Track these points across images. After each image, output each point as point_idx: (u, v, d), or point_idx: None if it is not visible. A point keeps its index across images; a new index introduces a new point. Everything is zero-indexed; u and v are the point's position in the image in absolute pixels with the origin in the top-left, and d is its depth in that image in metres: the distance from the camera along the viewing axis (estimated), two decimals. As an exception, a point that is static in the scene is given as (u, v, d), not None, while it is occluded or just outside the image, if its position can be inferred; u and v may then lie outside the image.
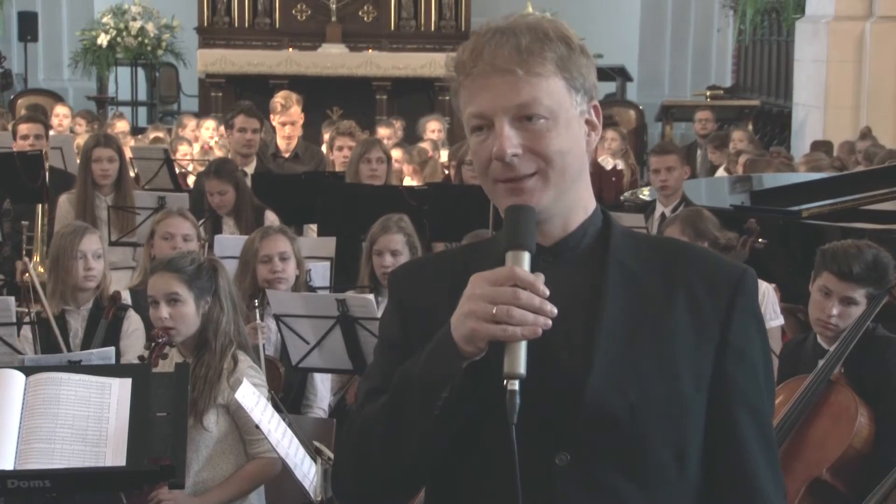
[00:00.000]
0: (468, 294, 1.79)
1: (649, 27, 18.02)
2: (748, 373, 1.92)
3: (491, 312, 1.75)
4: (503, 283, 1.77)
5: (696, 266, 1.94)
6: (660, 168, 7.06)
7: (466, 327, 1.77)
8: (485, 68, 1.85)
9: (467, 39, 1.91)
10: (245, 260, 5.11)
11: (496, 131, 1.86)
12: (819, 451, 3.83)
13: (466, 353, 1.78)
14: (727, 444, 1.90)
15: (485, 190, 1.92)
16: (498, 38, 1.86)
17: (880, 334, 4.03)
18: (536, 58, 1.85)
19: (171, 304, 4.00)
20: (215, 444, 4.00)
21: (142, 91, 16.82)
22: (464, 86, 1.89)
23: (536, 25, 1.88)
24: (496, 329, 1.75)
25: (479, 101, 1.87)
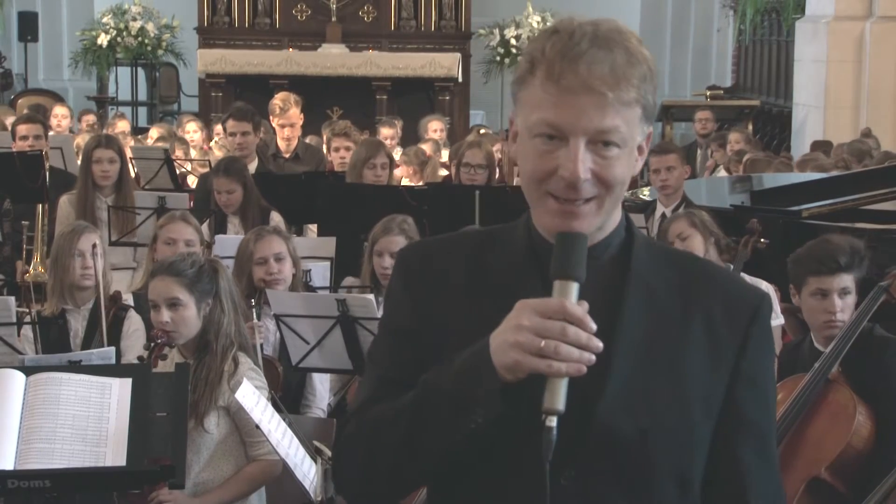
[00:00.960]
0: (515, 323, 1.73)
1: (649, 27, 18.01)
2: (758, 400, 1.91)
3: (538, 346, 1.71)
4: (552, 315, 1.72)
5: (716, 289, 1.92)
6: (660, 168, 7.06)
7: (510, 358, 1.73)
8: (576, 82, 1.77)
9: (553, 29, 1.83)
10: (240, 262, 5.10)
11: (570, 150, 1.79)
12: (817, 450, 3.83)
13: (505, 379, 1.74)
14: (730, 474, 1.89)
15: (528, 195, 1.85)
16: (594, 52, 1.78)
17: (879, 334, 4.03)
18: (628, 83, 1.79)
19: (172, 308, 4.00)
20: (216, 445, 4.00)
21: (142, 91, 16.82)
22: (542, 86, 1.80)
23: (627, 42, 1.82)
24: (541, 364, 1.71)
25: (560, 113, 1.78)
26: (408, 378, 1.86)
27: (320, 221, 7.12)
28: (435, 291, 1.90)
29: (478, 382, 1.76)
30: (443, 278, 1.91)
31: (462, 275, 1.89)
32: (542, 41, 1.82)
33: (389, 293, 1.99)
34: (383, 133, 10.27)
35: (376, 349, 1.99)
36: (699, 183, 9.22)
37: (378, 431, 1.86)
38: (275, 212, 6.64)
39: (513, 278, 1.87)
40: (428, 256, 1.97)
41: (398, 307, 1.95)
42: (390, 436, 1.84)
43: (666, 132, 14.50)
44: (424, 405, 1.81)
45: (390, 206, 5.88)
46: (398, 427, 1.83)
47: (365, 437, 1.88)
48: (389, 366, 1.92)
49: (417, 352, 1.89)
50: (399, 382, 1.87)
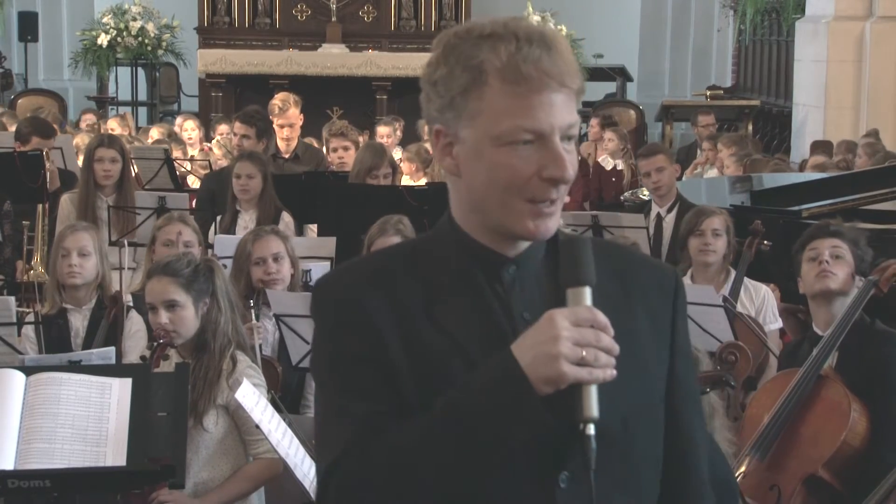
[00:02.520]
0: (552, 334, 1.71)
1: (649, 27, 18.02)
2: (690, 368, 1.99)
3: (580, 355, 1.71)
4: (583, 324, 1.73)
5: (643, 270, 1.96)
6: (649, 170, 7.09)
7: (554, 370, 1.70)
8: (547, 82, 1.77)
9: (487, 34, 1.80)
10: (239, 262, 5.10)
11: (551, 150, 1.78)
12: (813, 448, 3.83)
13: (541, 392, 1.72)
14: (684, 444, 1.94)
15: (497, 205, 1.82)
16: (549, 51, 1.78)
17: (879, 329, 4.04)
18: (578, 75, 1.81)
19: (169, 309, 4.00)
20: (215, 444, 4.00)
21: (142, 91, 16.82)
22: (505, 93, 1.77)
23: (557, 33, 1.84)
24: (583, 373, 1.72)
25: (535, 115, 1.77)
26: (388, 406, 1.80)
27: (320, 221, 7.12)
28: (383, 314, 1.83)
29: (515, 399, 1.72)
30: (385, 300, 1.84)
31: (406, 291, 1.84)
32: (479, 47, 1.79)
33: (330, 330, 1.86)
34: (380, 132, 10.27)
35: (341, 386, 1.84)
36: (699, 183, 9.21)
37: (400, 462, 1.77)
38: (286, 212, 6.66)
39: (461, 283, 1.85)
40: (357, 284, 1.87)
41: (346, 338, 1.84)
42: (422, 467, 1.76)
43: (666, 132, 14.50)
44: (460, 430, 1.74)
45: (390, 206, 5.89)
46: (431, 456, 1.76)
47: (386, 472, 1.77)
48: (370, 399, 1.81)
49: (389, 377, 1.81)
50: (384, 413, 1.80)
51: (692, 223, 5.66)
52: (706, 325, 4.87)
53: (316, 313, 1.89)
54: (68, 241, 4.89)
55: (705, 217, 5.62)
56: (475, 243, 1.87)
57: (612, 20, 17.75)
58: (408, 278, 1.86)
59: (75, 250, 4.87)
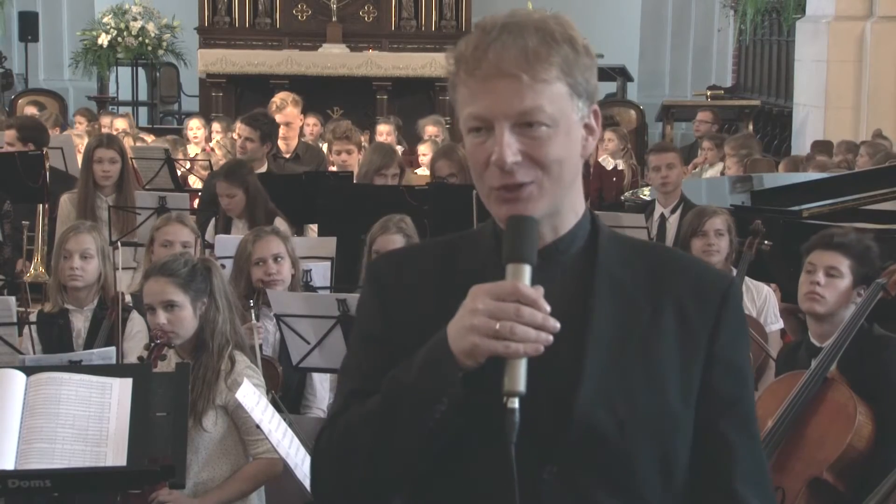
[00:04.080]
0: (470, 308, 1.75)
1: (649, 27, 18.02)
2: (737, 381, 1.91)
3: (494, 328, 1.73)
4: (505, 297, 1.74)
5: (685, 276, 1.93)
6: (660, 165, 7.06)
7: (468, 342, 1.74)
8: (489, 70, 1.80)
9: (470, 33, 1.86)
10: (239, 262, 5.09)
11: (496, 136, 1.81)
12: (818, 451, 3.83)
13: (465, 366, 1.76)
14: (716, 455, 1.89)
15: (478, 192, 1.88)
16: (504, 39, 1.80)
17: (877, 333, 4.04)
18: (542, 63, 1.80)
19: (167, 310, 4.00)
20: (214, 445, 4.00)
21: (142, 91, 16.82)
22: (464, 83, 1.83)
23: (543, 25, 1.83)
24: (498, 345, 1.73)
25: (480, 103, 1.81)
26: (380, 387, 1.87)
27: (320, 221, 7.12)
28: (407, 298, 1.90)
29: (438, 371, 1.77)
30: (414, 285, 1.91)
31: (434, 279, 1.90)
32: (462, 43, 1.86)
33: (361, 305, 1.99)
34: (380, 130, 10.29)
35: (348, 363, 1.97)
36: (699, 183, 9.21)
37: (349, 437, 1.86)
38: (280, 217, 6.62)
39: (483, 277, 1.86)
40: (398, 265, 1.98)
41: (369, 314, 1.94)
42: (361, 439, 1.84)
43: (666, 132, 14.49)
44: (390, 402, 1.82)
45: (390, 205, 5.88)
46: (368, 429, 1.84)
47: (336, 445, 1.88)
48: (362, 377, 1.90)
49: (392, 360, 1.86)
50: (371, 393, 1.86)
51: (694, 224, 5.67)
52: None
53: (362, 287, 2.08)
54: (71, 243, 4.88)
55: (707, 217, 5.63)
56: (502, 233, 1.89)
57: (612, 20, 17.74)
58: (440, 266, 1.92)
59: (77, 253, 4.86)
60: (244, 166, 6.94)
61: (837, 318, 4.10)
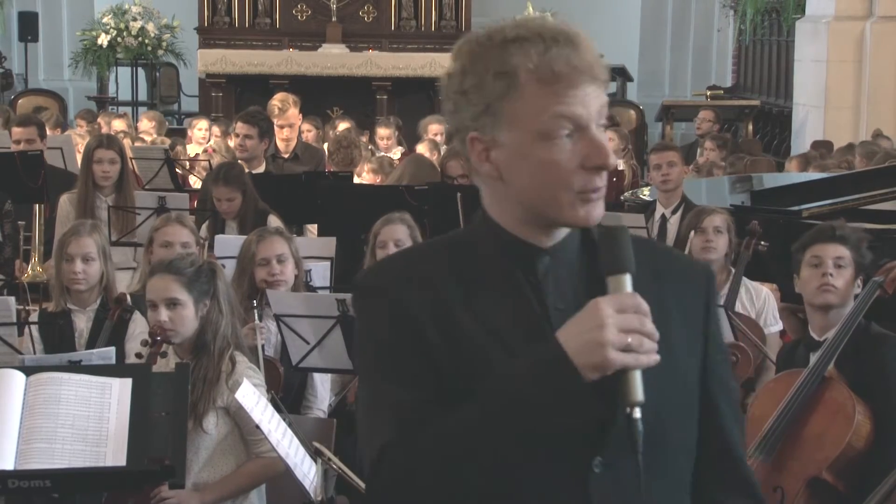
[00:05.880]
0: (598, 321, 1.76)
1: (649, 27, 18.02)
2: (726, 361, 2.04)
3: (626, 341, 1.76)
4: (628, 310, 1.77)
5: (675, 265, 2.04)
6: (661, 163, 7.05)
7: (600, 356, 1.75)
8: (580, 76, 1.84)
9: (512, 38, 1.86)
10: (242, 262, 5.09)
11: (591, 137, 1.85)
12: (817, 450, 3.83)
13: (588, 379, 1.77)
14: (716, 432, 1.99)
15: (547, 200, 1.87)
16: (576, 46, 1.86)
17: (875, 331, 4.04)
18: (605, 66, 1.89)
19: (170, 307, 4.00)
20: (215, 446, 4.00)
21: (142, 91, 16.82)
22: (539, 91, 1.83)
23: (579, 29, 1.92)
24: (629, 359, 1.76)
25: (572, 109, 1.84)
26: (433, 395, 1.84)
27: (320, 221, 7.12)
28: (424, 307, 1.88)
29: (566, 387, 1.77)
30: (425, 293, 1.89)
31: (444, 284, 1.89)
32: (508, 52, 1.85)
33: (373, 328, 1.91)
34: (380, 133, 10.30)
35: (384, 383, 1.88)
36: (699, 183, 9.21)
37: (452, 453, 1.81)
38: (272, 215, 6.63)
39: (496, 275, 1.90)
40: (398, 279, 1.93)
41: (394, 333, 1.88)
42: (470, 455, 1.80)
43: (666, 132, 14.49)
44: (509, 419, 1.78)
45: (390, 205, 5.89)
46: (479, 445, 1.80)
47: (436, 460, 1.82)
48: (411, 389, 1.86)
49: (430, 368, 1.86)
50: (429, 401, 1.84)
51: (693, 221, 5.69)
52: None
53: (359, 308, 1.95)
54: (72, 246, 4.87)
55: (706, 215, 5.65)
56: (510, 236, 1.92)
57: (612, 20, 17.74)
58: (445, 272, 1.91)
59: (79, 256, 4.86)
60: (237, 167, 6.93)
61: (841, 310, 4.12)
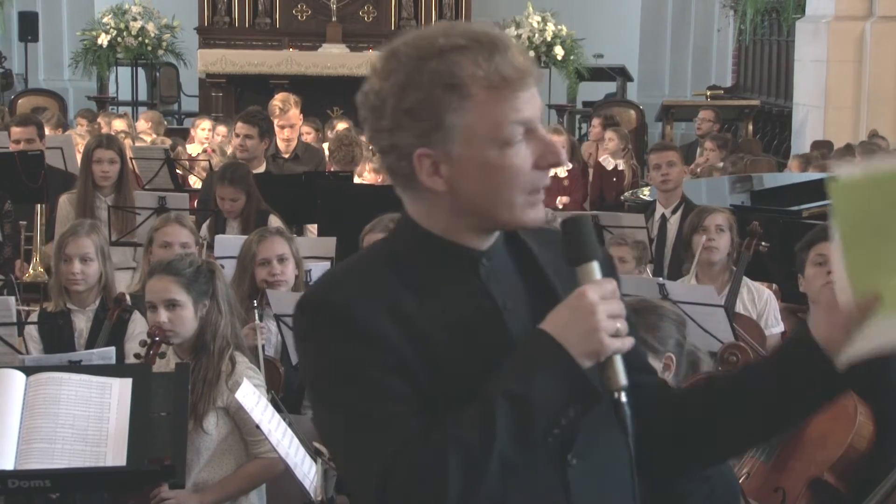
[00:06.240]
0: (589, 309, 1.78)
1: (649, 27, 18.02)
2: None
3: (616, 327, 1.79)
4: (610, 296, 1.80)
5: None
6: (661, 163, 7.05)
7: (595, 342, 1.77)
8: (522, 77, 1.84)
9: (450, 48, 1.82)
10: (243, 263, 5.09)
11: (540, 139, 1.86)
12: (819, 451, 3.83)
13: (583, 367, 1.79)
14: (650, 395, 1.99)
15: (502, 205, 1.86)
16: (510, 49, 1.85)
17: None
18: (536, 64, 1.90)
19: (169, 308, 4.00)
20: (215, 446, 4.00)
21: (142, 91, 16.81)
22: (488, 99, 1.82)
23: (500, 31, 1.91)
24: (619, 343, 1.79)
25: (523, 110, 1.84)
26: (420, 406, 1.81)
27: (320, 221, 7.11)
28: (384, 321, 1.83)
29: (563, 377, 1.78)
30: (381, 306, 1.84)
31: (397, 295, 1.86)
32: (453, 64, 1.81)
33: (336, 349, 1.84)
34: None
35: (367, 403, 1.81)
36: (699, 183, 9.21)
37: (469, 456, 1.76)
38: (273, 215, 6.63)
39: (445, 281, 1.89)
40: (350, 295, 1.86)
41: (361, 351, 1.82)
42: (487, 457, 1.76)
43: (666, 132, 14.49)
44: (523, 419, 1.76)
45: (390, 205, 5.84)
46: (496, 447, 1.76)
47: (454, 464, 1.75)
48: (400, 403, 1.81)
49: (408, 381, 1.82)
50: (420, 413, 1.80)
51: (695, 221, 5.69)
52: (706, 325, 4.86)
53: (314, 330, 1.87)
54: (70, 247, 4.87)
55: (708, 214, 5.66)
56: (447, 242, 1.91)
57: (612, 20, 17.75)
58: (396, 285, 1.87)
59: (77, 257, 4.85)
60: (243, 168, 6.94)
61: None
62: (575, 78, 15.64)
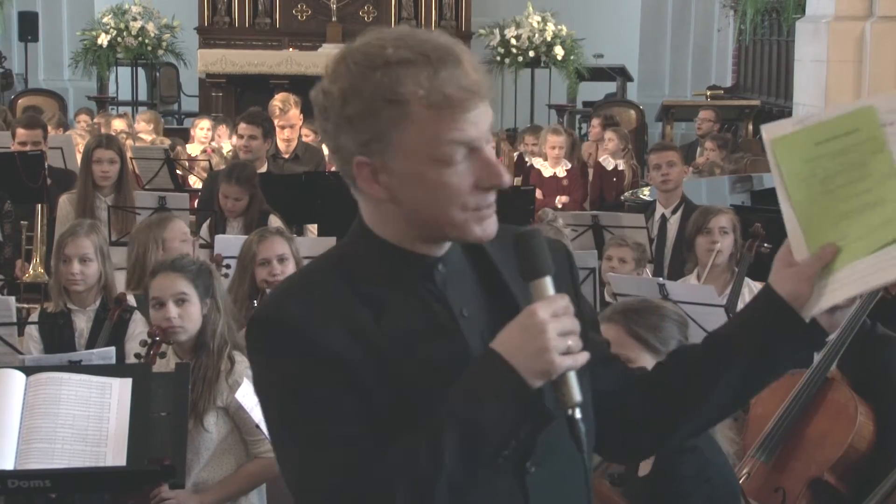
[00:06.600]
0: (539, 328, 1.75)
1: (649, 27, 18.01)
2: (597, 328, 2.07)
3: (567, 344, 1.76)
4: (561, 313, 1.77)
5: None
6: (661, 163, 7.04)
7: (544, 362, 1.74)
8: (468, 96, 1.79)
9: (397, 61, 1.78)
10: (243, 263, 5.10)
11: (483, 160, 1.81)
12: (819, 451, 3.83)
13: (534, 387, 1.76)
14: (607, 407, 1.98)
15: (443, 220, 1.83)
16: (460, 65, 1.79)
17: (880, 332, 4.03)
18: (489, 79, 1.84)
19: (178, 304, 4.01)
20: (216, 445, 4.00)
21: (142, 91, 16.82)
22: (431, 116, 1.78)
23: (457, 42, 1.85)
24: (570, 360, 1.76)
25: (466, 130, 1.80)
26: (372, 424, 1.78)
27: (320, 221, 7.11)
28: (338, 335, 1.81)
29: (511, 398, 1.75)
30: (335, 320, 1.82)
31: (350, 307, 1.83)
32: (396, 79, 1.77)
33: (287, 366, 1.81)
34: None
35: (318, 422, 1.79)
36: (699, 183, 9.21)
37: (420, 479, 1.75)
38: (273, 215, 6.63)
39: (399, 290, 1.86)
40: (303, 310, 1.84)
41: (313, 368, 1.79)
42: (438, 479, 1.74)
43: (666, 132, 14.50)
44: (472, 439, 1.75)
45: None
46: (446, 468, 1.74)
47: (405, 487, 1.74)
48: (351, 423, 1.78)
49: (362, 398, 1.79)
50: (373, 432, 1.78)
51: (699, 222, 5.67)
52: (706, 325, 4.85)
53: (266, 347, 1.85)
54: (69, 247, 4.87)
55: (713, 215, 5.64)
56: (400, 250, 1.88)
57: (612, 20, 17.74)
58: (349, 295, 1.85)
59: (76, 258, 4.86)
60: (249, 168, 6.97)
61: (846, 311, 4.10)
62: (575, 78, 15.65)
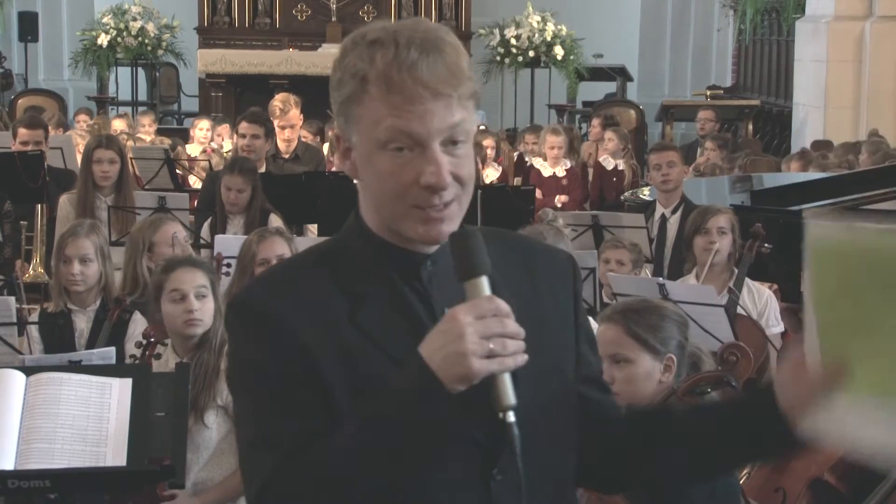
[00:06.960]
0: (457, 332, 1.71)
1: (649, 27, 18.02)
2: (595, 350, 2.03)
3: (488, 348, 1.70)
4: (486, 314, 1.72)
5: (542, 254, 2.01)
6: (661, 163, 7.04)
7: (463, 367, 1.70)
8: (421, 89, 1.77)
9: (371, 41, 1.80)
10: (243, 263, 5.10)
11: (428, 157, 1.78)
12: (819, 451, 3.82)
13: (454, 391, 1.72)
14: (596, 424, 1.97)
15: (389, 210, 1.83)
16: (426, 56, 1.77)
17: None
18: (464, 78, 1.80)
19: (199, 298, 4.04)
20: (215, 444, 4.00)
21: (142, 91, 16.82)
22: (380, 99, 1.78)
23: (447, 36, 1.82)
24: (493, 364, 1.71)
25: (408, 121, 1.77)
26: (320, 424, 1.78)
27: (320, 221, 7.12)
28: (309, 328, 1.81)
29: (430, 402, 1.72)
30: (308, 312, 1.82)
31: (327, 300, 1.83)
32: (363, 55, 1.80)
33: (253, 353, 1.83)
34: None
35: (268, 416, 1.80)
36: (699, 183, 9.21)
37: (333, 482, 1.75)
38: (274, 214, 6.64)
39: (380, 286, 1.85)
40: (278, 299, 1.85)
41: (277, 359, 1.80)
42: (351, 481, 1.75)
43: (666, 132, 14.50)
44: (383, 441, 1.73)
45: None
46: (359, 470, 1.74)
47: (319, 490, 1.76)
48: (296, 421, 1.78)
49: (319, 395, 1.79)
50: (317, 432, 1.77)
51: (698, 221, 5.68)
52: (707, 325, 4.86)
53: (236, 331, 1.87)
54: (69, 248, 4.88)
55: (711, 215, 5.64)
56: (387, 243, 1.87)
57: (612, 20, 17.75)
58: (327, 286, 1.85)
59: (76, 258, 4.86)
60: (252, 162, 7.01)
61: None
62: (575, 78, 15.66)
